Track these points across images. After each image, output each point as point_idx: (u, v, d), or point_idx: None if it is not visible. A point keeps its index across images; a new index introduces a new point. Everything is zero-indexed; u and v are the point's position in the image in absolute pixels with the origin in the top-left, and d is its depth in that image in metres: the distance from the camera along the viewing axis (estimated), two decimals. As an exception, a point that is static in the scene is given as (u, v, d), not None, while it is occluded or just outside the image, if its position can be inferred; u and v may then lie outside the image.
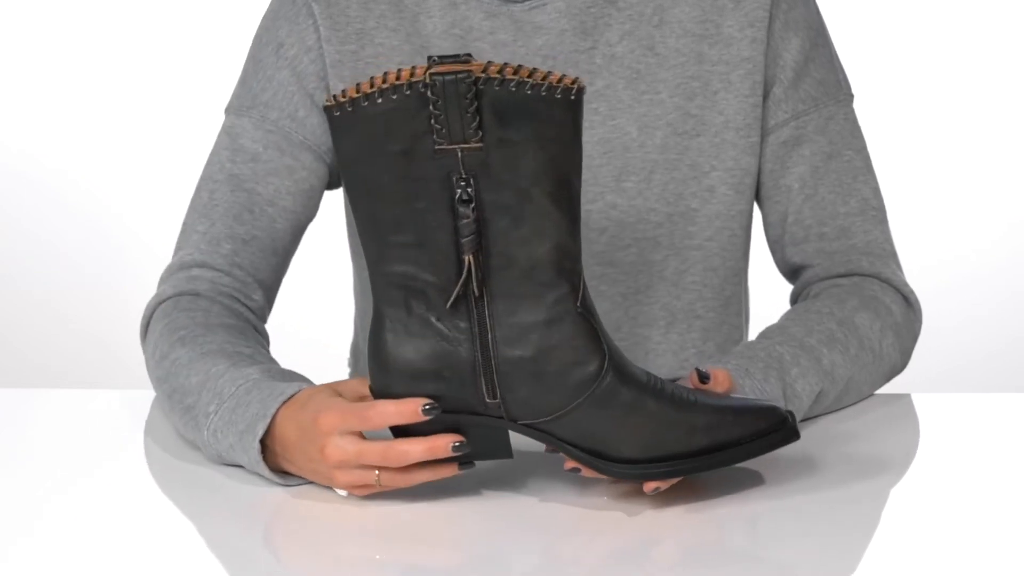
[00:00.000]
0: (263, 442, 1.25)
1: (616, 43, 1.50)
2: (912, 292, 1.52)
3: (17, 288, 3.52)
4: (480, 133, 1.14)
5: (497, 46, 1.49)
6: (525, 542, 1.15)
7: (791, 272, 1.56)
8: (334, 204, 1.64)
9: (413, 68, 1.15)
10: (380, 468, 1.20)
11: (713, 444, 1.19)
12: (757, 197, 1.55)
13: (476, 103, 1.14)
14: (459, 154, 1.15)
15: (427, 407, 1.18)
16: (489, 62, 1.15)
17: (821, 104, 1.53)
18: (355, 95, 1.15)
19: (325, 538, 1.17)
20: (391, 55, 1.50)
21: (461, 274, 1.17)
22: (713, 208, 1.52)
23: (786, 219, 1.53)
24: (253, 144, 1.50)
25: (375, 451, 1.19)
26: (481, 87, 1.14)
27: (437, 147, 1.15)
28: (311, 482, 1.25)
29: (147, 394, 1.48)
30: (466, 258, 1.16)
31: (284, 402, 1.25)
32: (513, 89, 1.13)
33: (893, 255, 1.55)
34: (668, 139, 1.50)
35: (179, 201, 1.67)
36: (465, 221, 1.15)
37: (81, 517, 1.20)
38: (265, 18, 1.54)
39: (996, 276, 3.52)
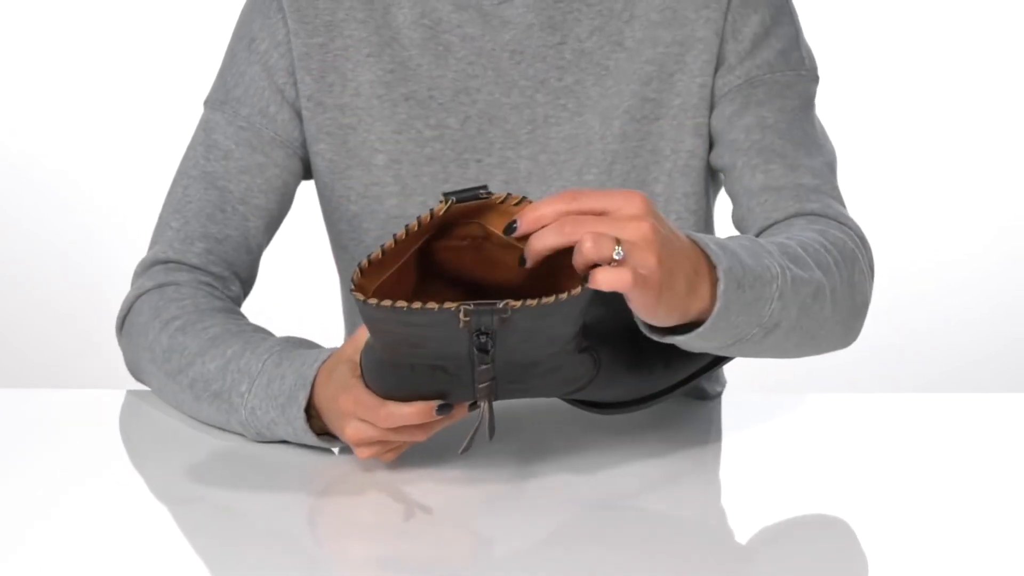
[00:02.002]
0: (306, 410, 1.27)
1: (586, 38, 1.50)
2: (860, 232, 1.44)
3: (17, 288, 3.52)
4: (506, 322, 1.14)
5: (465, 39, 1.50)
6: (521, 525, 1.15)
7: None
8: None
9: (431, 212, 1.14)
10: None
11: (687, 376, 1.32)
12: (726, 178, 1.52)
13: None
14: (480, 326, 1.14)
15: (440, 407, 1.19)
16: (508, 194, 1.15)
17: (778, 70, 1.50)
18: (387, 305, 1.11)
19: (333, 526, 1.17)
20: (360, 47, 1.51)
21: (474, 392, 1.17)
22: (669, 191, 1.51)
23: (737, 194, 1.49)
24: (225, 140, 1.52)
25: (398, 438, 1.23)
26: (515, 312, 1.12)
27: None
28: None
29: (149, 394, 1.48)
30: (483, 404, 1.16)
31: (319, 368, 1.27)
32: (548, 302, 1.12)
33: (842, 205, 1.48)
34: (626, 127, 1.49)
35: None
36: (484, 367, 1.15)
37: (82, 517, 1.20)
38: (242, 12, 1.57)
39: (994, 277, 3.52)
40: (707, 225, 1.56)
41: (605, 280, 1.10)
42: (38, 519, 1.19)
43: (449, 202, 1.14)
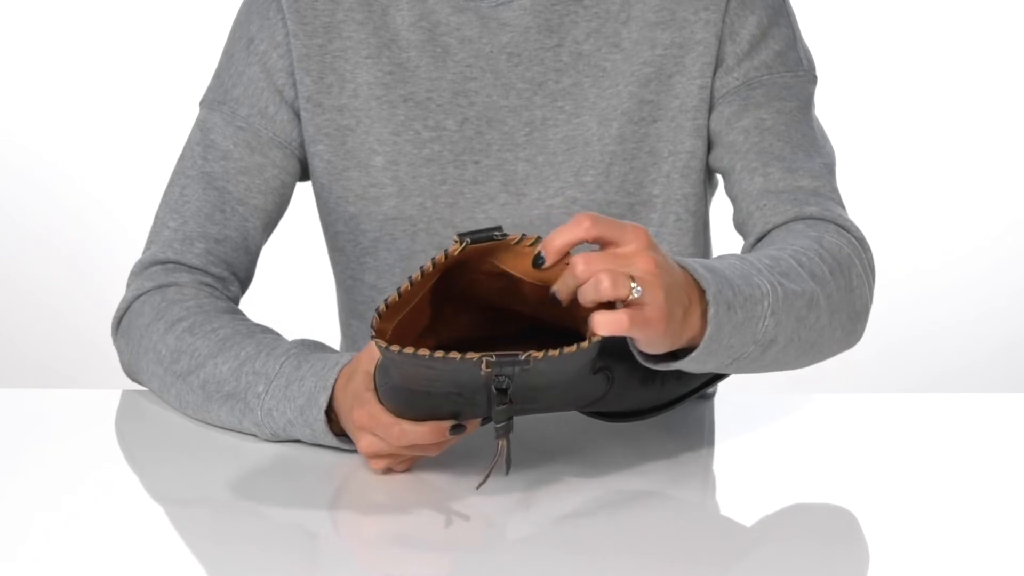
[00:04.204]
0: (325, 412, 1.28)
1: (583, 40, 1.50)
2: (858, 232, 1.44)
3: (17, 288, 3.52)
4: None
5: (463, 42, 1.50)
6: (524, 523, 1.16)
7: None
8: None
9: (446, 253, 1.13)
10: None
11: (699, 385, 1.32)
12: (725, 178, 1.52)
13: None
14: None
15: (454, 427, 1.20)
16: (523, 235, 1.14)
17: (775, 72, 1.50)
18: (409, 352, 1.11)
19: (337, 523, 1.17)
20: (358, 48, 1.51)
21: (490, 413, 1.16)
22: (668, 193, 1.51)
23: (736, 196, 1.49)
24: (224, 141, 1.52)
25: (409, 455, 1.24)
26: (537, 362, 1.12)
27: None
28: None
29: (147, 394, 1.48)
30: (499, 443, 1.15)
31: (339, 371, 1.27)
32: (571, 351, 1.12)
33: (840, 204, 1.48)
34: (624, 128, 1.49)
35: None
36: (501, 408, 1.14)
37: (81, 517, 1.20)
38: (239, 12, 1.56)
39: (994, 277, 3.52)
40: (704, 226, 1.56)
41: (604, 324, 1.11)
42: (37, 519, 1.19)
43: (464, 243, 1.14)
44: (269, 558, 1.11)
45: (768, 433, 1.39)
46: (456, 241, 1.14)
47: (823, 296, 1.29)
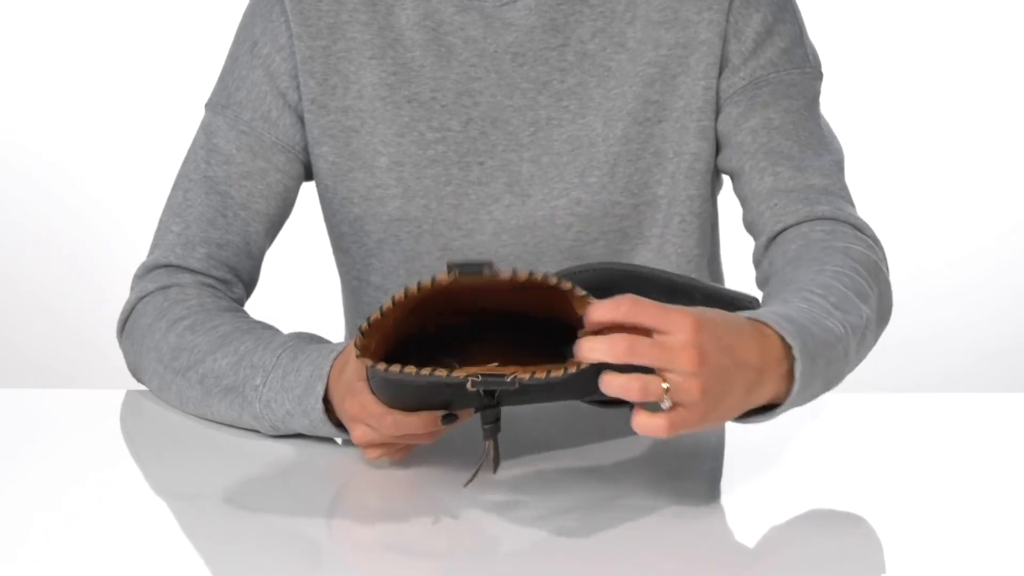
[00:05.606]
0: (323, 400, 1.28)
1: (588, 40, 1.50)
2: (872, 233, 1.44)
3: (17, 288, 3.52)
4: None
5: (468, 42, 1.50)
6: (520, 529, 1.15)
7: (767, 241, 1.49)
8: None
9: (433, 280, 1.12)
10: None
11: None
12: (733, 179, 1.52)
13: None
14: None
15: (445, 417, 1.20)
16: (515, 270, 1.12)
17: (782, 69, 1.49)
18: (396, 370, 1.12)
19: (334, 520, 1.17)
20: (362, 49, 1.51)
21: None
22: (673, 194, 1.51)
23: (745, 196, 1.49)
24: (227, 145, 1.52)
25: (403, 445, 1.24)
26: (524, 383, 1.11)
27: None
28: None
29: (149, 393, 1.48)
30: (486, 443, 1.15)
31: (334, 360, 1.27)
32: (558, 375, 1.12)
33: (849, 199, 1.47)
34: (629, 129, 1.49)
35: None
36: (489, 409, 1.14)
37: (83, 517, 1.20)
38: (244, 15, 1.56)
39: (995, 278, 3.52)
40: (712, 228, 1.55)
41: (643, 427, 1.10)
42: (37, 519, 1.19)
43: (453, 274, 1.13)
44: (269, 557, 1.11)
45: (774, 432, 1.39)
46: (446, 271, 1.14)
47: (873, 318, 1.30)
